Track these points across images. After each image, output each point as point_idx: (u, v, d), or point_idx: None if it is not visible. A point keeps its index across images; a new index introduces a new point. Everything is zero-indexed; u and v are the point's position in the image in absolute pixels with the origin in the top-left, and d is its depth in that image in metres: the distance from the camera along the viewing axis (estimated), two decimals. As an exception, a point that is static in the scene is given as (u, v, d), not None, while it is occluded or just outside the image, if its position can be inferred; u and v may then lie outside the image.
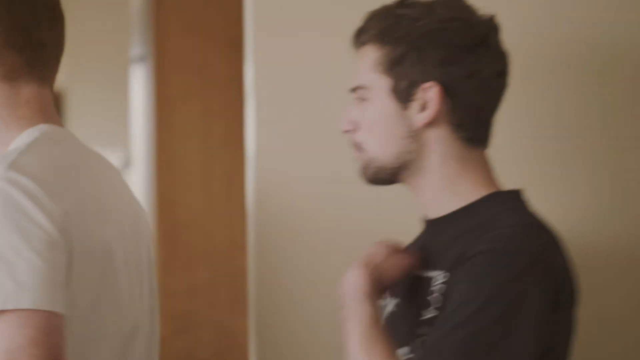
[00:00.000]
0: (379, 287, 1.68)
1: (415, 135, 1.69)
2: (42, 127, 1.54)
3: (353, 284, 1.65)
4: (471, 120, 1.69)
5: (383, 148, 1.71)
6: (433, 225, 1.73)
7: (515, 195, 1.71)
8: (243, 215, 3.24)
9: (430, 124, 1.68)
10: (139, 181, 3.32)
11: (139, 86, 3.32)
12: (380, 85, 1.70)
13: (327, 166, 1.94)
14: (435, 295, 1.66)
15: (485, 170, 1.71)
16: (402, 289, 1.74)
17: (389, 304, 1.76)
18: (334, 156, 1.92)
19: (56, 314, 1.40)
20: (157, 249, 3.22)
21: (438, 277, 1.67)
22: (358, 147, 1.72)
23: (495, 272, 1.60)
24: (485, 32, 1.71)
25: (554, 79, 1.97)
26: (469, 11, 1.73)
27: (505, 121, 1.78)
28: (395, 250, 1.72)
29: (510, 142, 1.95)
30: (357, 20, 1.65)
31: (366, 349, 1.61)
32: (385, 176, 1.72)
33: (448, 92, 1.67)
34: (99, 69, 6.50)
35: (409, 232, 1.73)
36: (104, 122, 6.52)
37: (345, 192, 1.93)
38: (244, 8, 2.17)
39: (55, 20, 1.58)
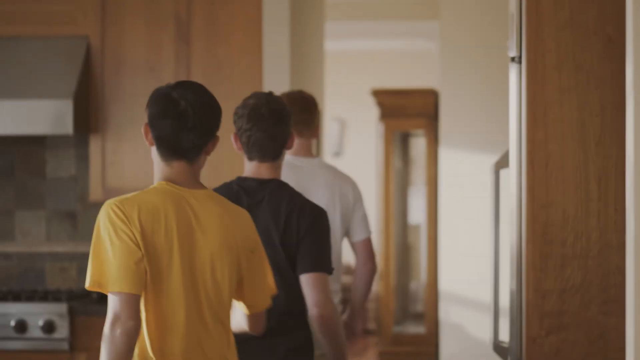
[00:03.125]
0: None
1: None
2: None
3: None
4: None
5: None
6: None
7: None
8: (617, 216, 3.19)
9: None
10: (512, 181, 3.33)
11: (514, 87, 3.33)
12: None
13: None
14: None
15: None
16: None
17: None
18: None
19: None
20: (529, 249, 3.22)
21: None
22: None
23: None
24: None
25: None
26: None
27: None
28: None
29: None
30: None
31: None
32: None
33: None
34: (474, 70, 6.59)
35: None
36: (479, 122, 6.60)
37: None
38: (623, 3, 2.12)
39: None
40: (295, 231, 3.57)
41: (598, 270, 3.17)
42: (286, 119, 3.64)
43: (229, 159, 5.39)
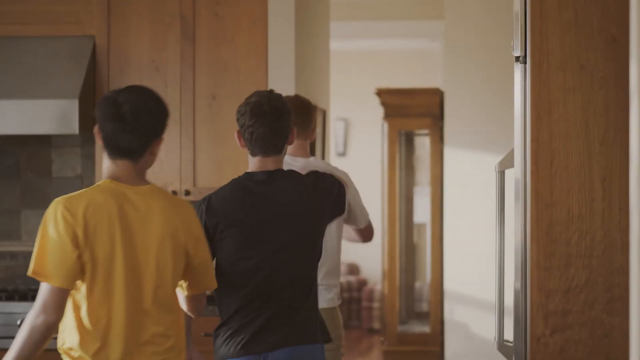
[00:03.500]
0: None
1: None
2: None
3: None
4: None
5: None
6: None
7: None
8: (621, 215, 3.20)
9: None
10: (517, 181, 3.34)
11: (518, 87, 3.34)
12: None
13: None
14: None
15: None
16: None
17: None
18: None
19: None
20: (534, 248, 3.23)
21: None
22: None
23: None
24: None
25: None
26: None
27: None
28: None
29: None
30: None
31: None
32: None
33: None
34: (478, 70, 6.60)
35: None
36: (483, 122, 6.60)
37: None
38: (627, 3, 2.13)
39: None
40: (327, 201, 3.85)
41: (602, 270, 3.17)
42: (287, 115, 3.79)
43: (234, 157, 5.40)
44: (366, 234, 4.79)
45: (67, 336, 3.29)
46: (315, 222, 3.81)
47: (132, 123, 3.31)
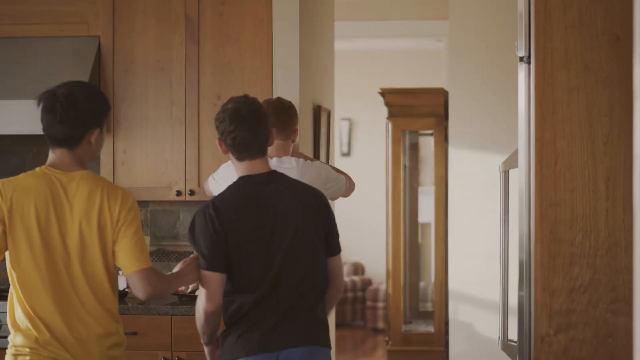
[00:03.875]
0: None
1: None
2: None
3: None
4: None
5: None
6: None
7: None
8: (625, 215, 3.20)
9: None
10: (521, 181, 3.34)
11: (522, 87, 3.34)
12: None
13: None
14: None
15: None
16: None
17: None
18: None
19: None
20: (538, 248, 3.23)
21: None
22: None
23: None
24: None
25: None
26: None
27: None
28: None
29: None
30: None
31: None
32: None
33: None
34: (483, 70, 6.60)
35: None
36: (487, 122, 6.61)
37: None
38: (631, 3, 2.14)
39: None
40: (321, 214, 3.90)
41: (606, 269, 3.18)
42: (265, 117, 3.88)
43: (239, 158, 5.41)
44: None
45: (9, 309, 3.68)
46: (317, 221, 3.89)
47: (61, 114, 3.63)
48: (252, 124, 3.84)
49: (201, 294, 3.84)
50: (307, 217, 3.85)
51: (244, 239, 3.79)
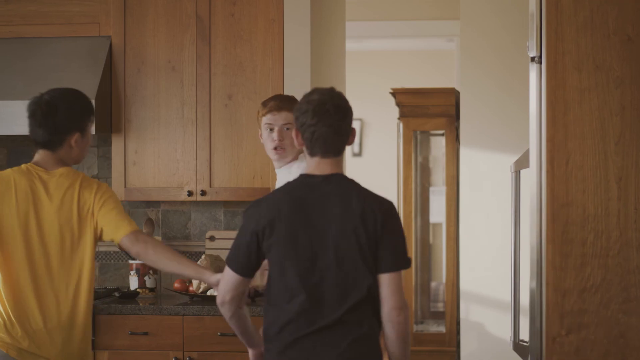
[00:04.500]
0: None
1: None
2: None
3: None
4: None
5: None
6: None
7: None
8: (637, 215, 3.20)
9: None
10: (533, 181, 3.34)
11: (533, 87, 3.34)
12: None
13: None
14: None
15: None
16: None
17: None
18: None
19: None
20: (549, 248, 3.23)
21: None
22: None
23: None
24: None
25: None
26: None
27: None
28: None
29: None
30: None
31: None
32: None
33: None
34: (494, 70, 6.59)
35: None
36: (499, 122, 6.60)
37: None
38: None
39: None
40: (373, 227, 3.51)
41: (618, 270, 3.17)
42: (350, 114, 3.63)
43: (250, 157, 5.41)
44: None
45: None
46: (364, 233, 3.52)
47: (41, 120, 3.97)
48: (336, 120, 3.58)
49: (221, 285, 3.70)
50: (351, 229, 3.50)
51: (277, 244, 3.54)
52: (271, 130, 4.58)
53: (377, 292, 3.52)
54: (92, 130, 4.14)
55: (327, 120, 3.57)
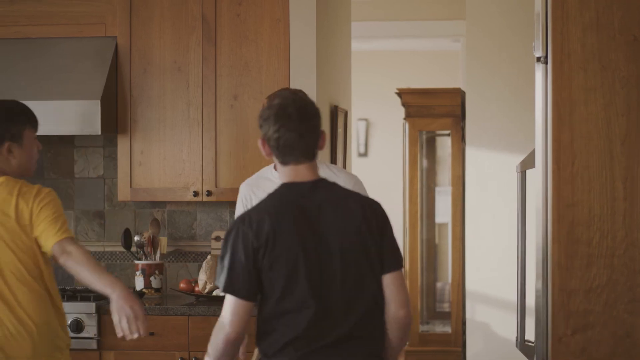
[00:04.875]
0: None
1: None
2: None
3: None
4: None
5: None
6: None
7: None
8: (643, 215, 3.20)
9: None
10: (538, 181, 3.34)
11: (539, 87, 3.34)
12: None
13: None
14: None
15: None
16: None
17: None
18: None
19: None
20: (555, 248, 3.22)
21: None
22: None
23: None
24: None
25: None
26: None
27: None
28: None
29: None
30: None
31: None
32: None
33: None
34: (500, 70, 6.59)
35: None
36: (505, 122, 6.59)
37: None
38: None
39: None
40: (376, 228, 3.35)
41: (624, 270, 3.17)
42: (317, 117, 3.41)
43: (256, 158, 5.41)
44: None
45: None
46: (368, 237, 3.36)
47: None
48: (300, 123, 3.35)
49: (222, 317, 3.33)
50: (355, 232, 3.32)
51: (282, 257, 3.28)
52: None
53: (381, 297, 3.36)
54: (32, 139, 4.11)
55: (290, 125, 3.35)
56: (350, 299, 3.29)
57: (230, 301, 3.29)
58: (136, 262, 5.59)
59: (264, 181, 4.55)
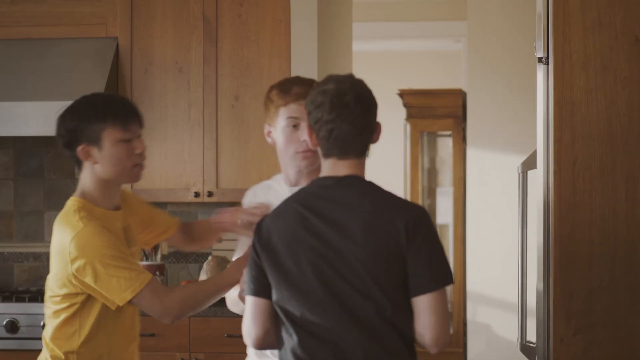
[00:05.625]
0: None
1: None
2: None
3: None
4: None
5: None
6: None
7: None
8: (645, 216, 3.19)
9: None
10: (540, 182, 3.33)
11: (541, 87, 3.34)
12: None
13: None
14: None
15: None
16: None
17: None
18: None
19: None
20: (556, 249, 3.22)
21: None
22: None
23: None
24: None
25: None
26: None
27: None
28: None
29: None
30: None
31: None
32: None
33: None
34: (501, 71, 6.58)
35: None
36: (506, 123, 6.59)
37: None
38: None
39: None
40: (403, 241, 2.82)
41: (625, 271, 3.17)
42: (374, 107, 2.99)
43: (257, 158, 5.41)
44: None
45: None
46: (390, 250, 2.82)
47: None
48: (358, 114, 2.92)
49: (245, 319, 2.99)
50: (374, 245, 2.80)
51: (282, 269, 2.87)
52: (295, 126, 3.38)
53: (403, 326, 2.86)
54: (115, 139, 3.47)
55: (347, 115, 2.90)
56: (365, 332, 2.85)
57: (247, 298, 3.00)
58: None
59: (266, 190, 3.60)
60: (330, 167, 2.94)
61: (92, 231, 3.35)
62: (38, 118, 5.29)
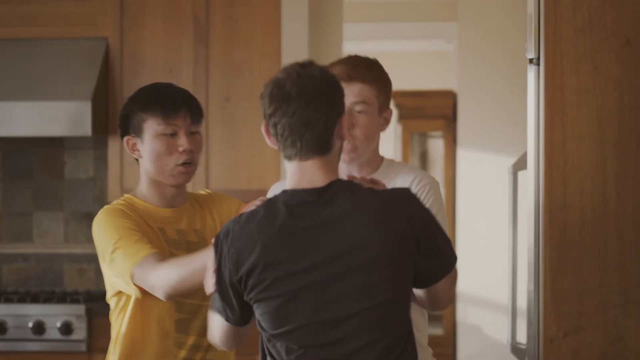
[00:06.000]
0: None
1: None
2: None
3: None
4: None
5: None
6: None
7: None
8: (635, 217, 3.18)
9: None
10: (530, 183, 3.33)
11: (531, 88, 3.33)
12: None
13: None
14: None
15: None
16: None
17: None
18: None
19: None
20: (547, 250, 3.22)
21: None
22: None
23: None
24: None
25: None
26: None
27: None
28: None
29: None
30: None
31: None
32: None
33: None
34: (492, 72, 6.59)
35: None
36: (497, 124, 6.60)
37: None
38: None
39: None
40: (413, 241, 2.59)
41: (616, 272, 3.16)
42: (330, 97, 2.57)
43: (247, 160, 5.40)
44: None
45: None
46: (403, 258, 2.58)
47: None
48: (300, 106, 2.54)
49: (211, 327, 2.77)
50: (385, 259, 2.53)
51: (271, 295, 2.54)
52: None
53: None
54: (156, 132, 3.17)
55: (286, 108, 2.55)
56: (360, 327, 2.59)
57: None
58: (127, 263, 5.57)
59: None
60: (296, 173, 2.58)
61: (98, 220, 3.23)
62: (27, 118, 5.28)
